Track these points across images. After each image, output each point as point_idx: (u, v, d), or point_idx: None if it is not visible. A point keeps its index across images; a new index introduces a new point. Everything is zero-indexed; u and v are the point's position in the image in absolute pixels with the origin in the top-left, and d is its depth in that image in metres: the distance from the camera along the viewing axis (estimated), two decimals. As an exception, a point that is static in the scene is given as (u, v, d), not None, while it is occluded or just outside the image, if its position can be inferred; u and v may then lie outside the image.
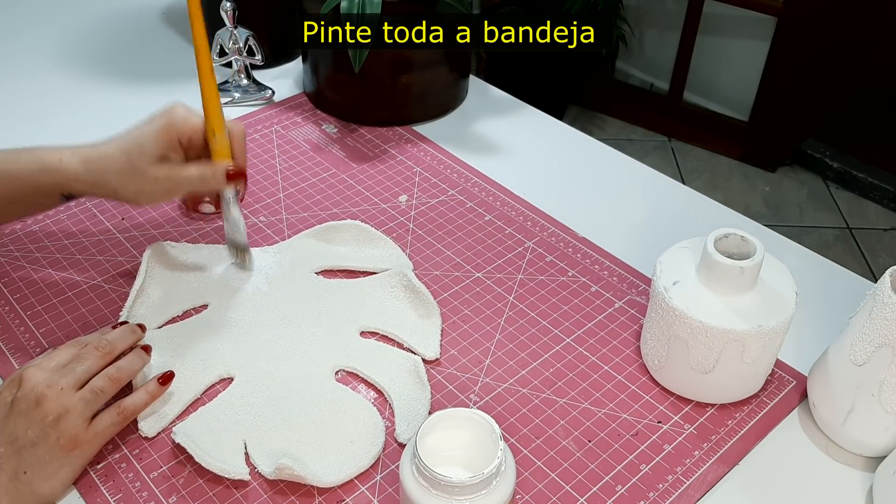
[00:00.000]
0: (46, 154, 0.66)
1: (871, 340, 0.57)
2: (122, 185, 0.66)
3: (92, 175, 0.65)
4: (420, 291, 0.73)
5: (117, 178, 0.65)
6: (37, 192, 0.67)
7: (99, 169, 0.65)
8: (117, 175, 0.65)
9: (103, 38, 1.15)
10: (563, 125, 1.02)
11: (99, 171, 0.65)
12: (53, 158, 0.65)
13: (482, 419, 0.52)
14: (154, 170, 0.65)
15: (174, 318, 0.72)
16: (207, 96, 0.66)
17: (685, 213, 0.88)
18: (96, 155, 0.66)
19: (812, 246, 0.85)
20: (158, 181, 0.65)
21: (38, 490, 0.56)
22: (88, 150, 0.66)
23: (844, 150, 2.32)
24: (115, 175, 0.65)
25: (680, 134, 2.47)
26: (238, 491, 0.59)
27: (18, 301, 0.73)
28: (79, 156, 0.66)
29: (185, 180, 0.66)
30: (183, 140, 0.66)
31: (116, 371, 0.61)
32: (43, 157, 0.66)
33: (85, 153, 0.66)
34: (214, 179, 0.67)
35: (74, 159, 0.65)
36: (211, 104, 0.66)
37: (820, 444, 0.64)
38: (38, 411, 0.56)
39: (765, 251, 0.61)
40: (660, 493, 0.60)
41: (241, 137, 0.68)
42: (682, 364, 0.64)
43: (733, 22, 2.28)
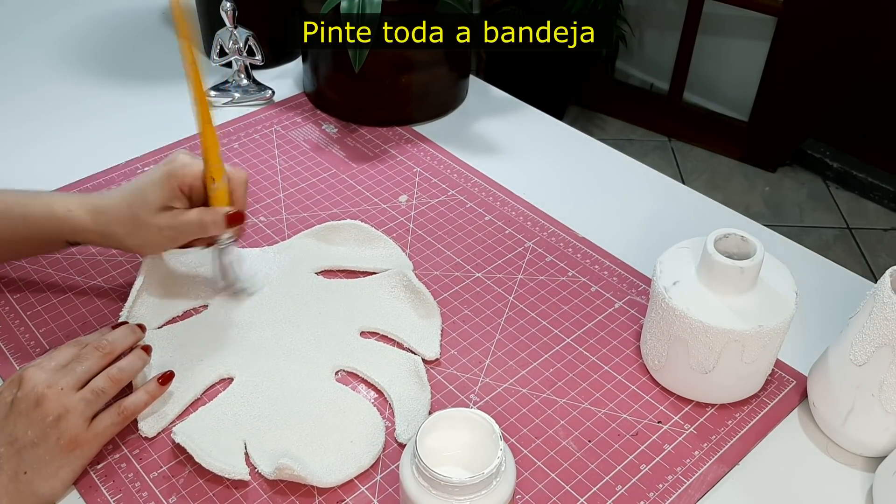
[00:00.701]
0: (56, 202, 0.67)
1: (871, 340, 0.57)
2: (126, 236, 0.66)
3: (98, 226, 0.66)
4: (420, 291, 0.73)
5: (122, 229, 0.66)
6: (44, 238, 0.68)
7: (106, 220, 0.66)
8: (122, 227, 0.66)
9: (103, 38, 1.15)
10: (563, 125, 1.02)
11: (105, 223, 0.66)
12: (63, 208, 0.66)
13: (482, 419, 0.52)
14: (157, 219, 0.65)
15: (174, 318, 0.72)
16: (207, 145, 0.65)
17: (685, 213, 0.88)
18: (103, 206, 0.67)
19: (812, 246, 0.85)
20: (161, 231, 0.66)
21: (39, 490, 0.56)
22: (96, 200, 0.67)
23: (844, 150, 2.32)
24: (120, 227, 0.66)
25: (680, 134, 2.47)
26: (238, 491, 0.59)
27: (18, 301, 0.73)
28: (86, 207, 0.67)
29: (186, 226, 0.66)
30: (184, 188, 0.66)
31: (117, 371, 0.61)
32: (52, 206, 0.67)
33: (93, 204, 0.67)
34: (214, 224, 0.66)
35: (82, 210, 0.66)
36: (210, 152, 0.65)
37: (820, 444, 0.64)
38: (39, 411, 0.56)
39: (765, 251, 0.61)
40: (660, 493, 0.60)
41: (242, 184, 0.68)
42: (682, 364, 0.64)
43: (733, 22, 2.28)
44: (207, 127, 0.66)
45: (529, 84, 1.86)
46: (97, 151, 0.92)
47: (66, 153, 0.92)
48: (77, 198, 0.67)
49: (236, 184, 0.67)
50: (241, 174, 0.68)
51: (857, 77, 2.16)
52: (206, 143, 0.65)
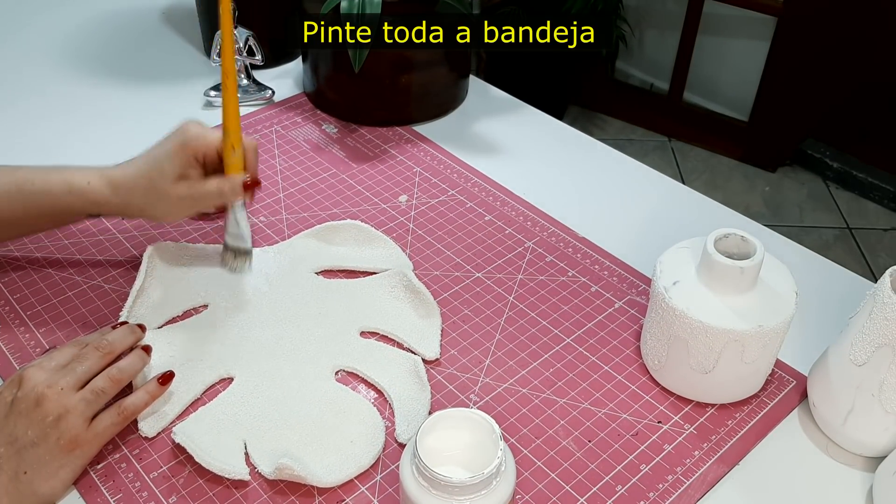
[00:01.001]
0: (75, 176, 0.68)
1: (871, 340, 0.57)
2: (148, 206, 0.68)
3: (119, 198, 0.68)
4: (420, 291, 0.73)
5: (142, 199, 0.68)
6: (64, 212, 0.70)
7: (125, 192, 0.68)
8: (143, 197, 0.68)
9: (103, 38, 1.15)
10: (563, 125, 1.02)
11: (125, 195, 0.68)
12: (82, 181, 0.68)
13: (482, 419, 0.52)
14: (176, 189, 0.67)
15: (174, 318, 0.72)
16: (231, 114, 0.68)
17: (685, 213, 0.88)
18: (122, 178, 0.68)
19: (812, 246, 0.85)
20: (182, 199, 0.68)
21: (39, 490, 0.56)
22: (114, 172, 0.68)
23: (844, 150, 2.32)
24: (141, 197, 0.68)
25: (680, 134, 2.47)
26: (238, 491, 0.59)
27: (18, 301, 0.73)
28: (106, 179, 0.68)
29: (205, 195, 0.69)
30: (199, 157, 0.68)
31: (117, 371, 0.61)
32: (72, 180, 0.68)
33: (111, 176, 0.68)
34: (233, 192, 0.69)
35: (102, 182, 0.68)
36: (233, 122, 0.68)
37: (820, 444, 0.64)
38: (39, 411, 0.56)
39: (765, 251, 0.61)
40: (660, 493, 0.60)
41: (253, 151, 0.71)
42: (682, 364, 0.64)
43: (733, 22, 2.28)
44: (232, 97, 0.68)
45: (529, 84, 1.85)
46: (97, 151, 0.91)
47: (66, 153, 0.92)
48: (95, 171, 0.68)
49: (248, 151, 0.70)
50: (252, 142, 0.71)
51: (857, 77, 2.15)
52: (230, 112, 0.68)
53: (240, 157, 0.69)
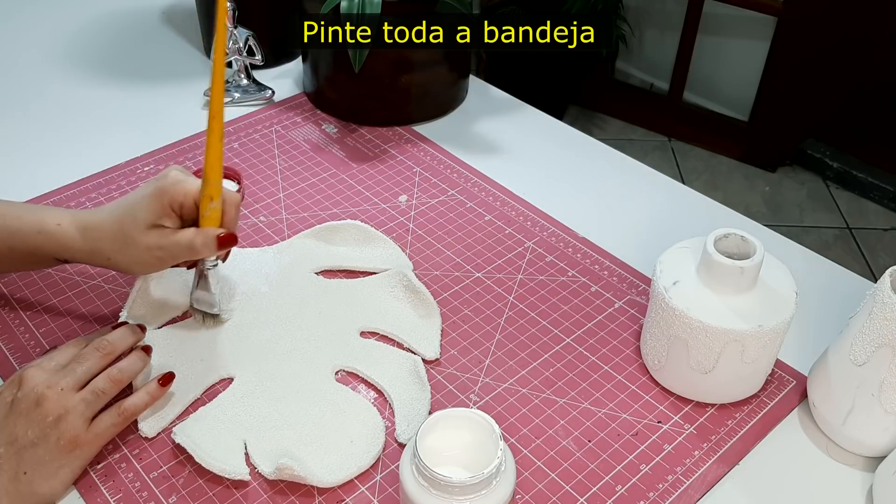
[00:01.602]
0: (47, 216, 0.65)
1: (871, 340, 0.57)
2: (114, 254, 0.64)
3: (87, 243, 0.65)
4: (420, 291, 0.73)
5: (110, 246, 0.64)
6: (32, 253, 0.66)
7: (94, 237, 0.64)
8: (110, 243, 0.64)
9: (104, 38, 1.15)
10: (563, 125, 1.02)
11: (93, 239, 0.64)
12: (52, 222, 0.65)
13: (482, 419, 0.52)
14: (145, 238, 0.63)
15: (174, 318, 0.72)
16: (212, 163, 0.63)
17: (685, 213, 0.88)
18: (92, 222, 0.65)
19: (812, 246, 0.85)
20: (150, 250, 0.63)
21: (38, 490, 0.56)
22: (86, 216, 0.65)
23: (844, 150, 2.32)
24: (109, 244, 0.64)
25: (680, 134, 2.47)
26: (238, 491, 0.59)
27: (18, 301, 0.73)
28: (77, 222, 0.65)
29: (176, 247, 0.63)
30: (174, 206, 0.63)
31: (118, 372, 0.61)
32: (43, 220, 0.65)
33: (82, 219, 0.65)
34: (205, 246, 0.63)
35: (72, 226, 0.65)
36: (214, 170, 0.63)
37: (820, 444, 0.64)
38: (39, 412, 0.56)
39: (765, 251, 0.61)
40: (660, 493, 0.60)
41: (234, 206, 0.65)
42: (682, 364, 0.64)
43: (733, 22, 2.28)
44: (216, 144, 0.63)
45: (529, 84, 1.85)
46: (97, 151, 0.92)
47: (67, 153, 0.92)
48: (68, 213, 0.66)
49: (228, 205, 0.64)
50: (234, 196, 0.65)
51: (857, 77, 2.15)
52: (211, 160, 0.63)
53: (217, 209, 0.63)
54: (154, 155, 0.91)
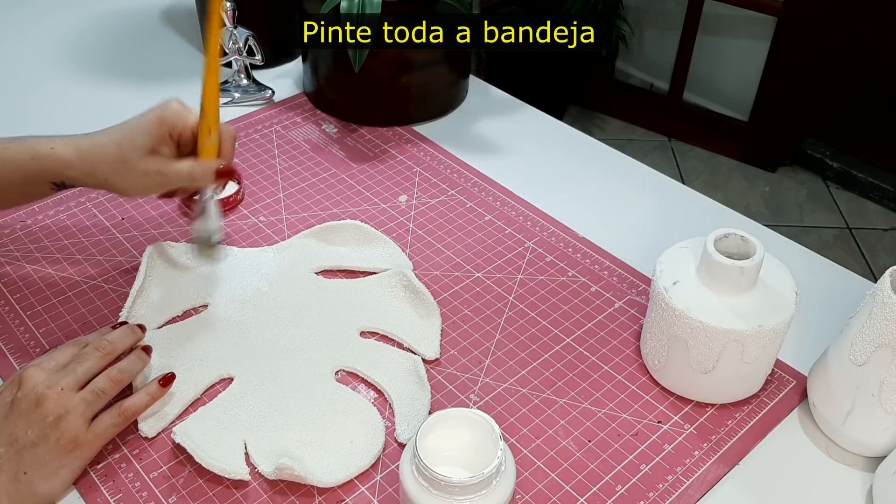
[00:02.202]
0: (39, 143, 0.66)
1: (871, 340, 0.57)
2: (112, 175, 0.66)
3: (84, 163, 0.65)
4: (420, 291, 0.73)
5: (109, 167, 0.65)
6: (27, 181, 0.67)
7: (91, 158, 0.65)
8: (109, 165, 0.65)
9: (104, 38, 1.15)
10: (563, 125, 1.02)
11: (91, 160, 0.65)
12: (45, 147, 0.65)
13: (482, 419, 0.52)
14: (144, 163, 0.65)
15: (174, 318, 0.72)
16: (210, 96, 0.67)
17: (685, 213, 0.88)
18: (89, 144, 0.66)
19: (812, 246, 0.85)
20: (148, 175, 0.66)
21: (39, 490, 0.56)
22: (82, 139, 0.66)
23: (844, 150, 2.32)
24: (107, 165, 0.65)
25: (680, 134, 2.47)
26: (238, 491, 0.59)
27: (18, 301, 0.73)
28: (72, 145, 0.66)
29: (175, 175, 0.66)
30: (174, 134, 0.67)
31: (118, 372, 0.61)
32: (35, 146, 0.66)
33: (78, 142, 0.66)
34: (203, 177, 0.67)
35: (67, 148, 0.65)
36: (211, 104, 0.67)
37: (820, 444, 0.64)
38: (39, 412, 0.56)
39: (765, 251, 0.61)
40: (660, 493, 0.60)
41: (231, 139, 0.69)
42: (682, 364, 0.64)
43: (733, 22, 2.28)
44: (213, 78, 0.67)
45: (529, 84, 1.85)
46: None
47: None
48: (61, 138, 0.67)
49: (226, 138, 0.68)
50: (230, 129, 0.69)
51: (857, 77, 2.15)
52: (208, 94, 0.66)
53: (215, 141, 0.67)
54: (154, 155, 0.91)
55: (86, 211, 0.83)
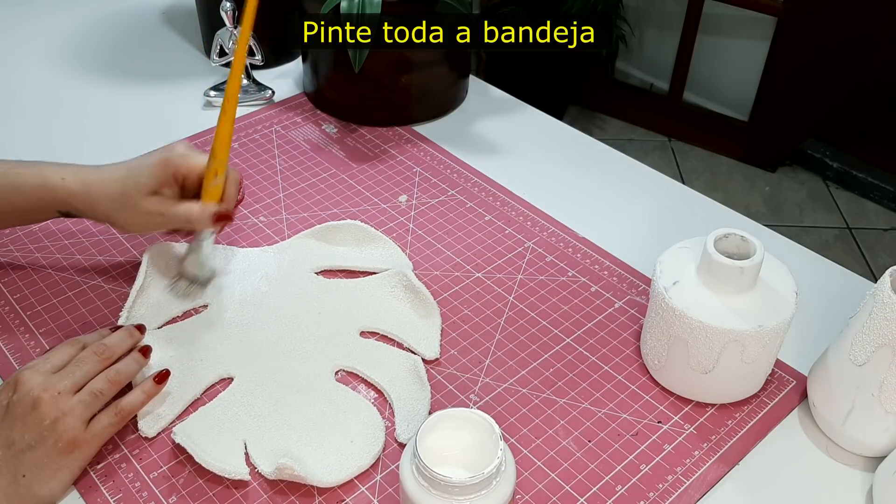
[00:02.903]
0: (49, 171, 0.67)
1: (871, 340, 0.57)
2: (113, 213, 0.67)
3: (88, 198, 0.67)
4: (420, 291, 0.73)
5: (110, 205, 0.67)
6: (35, 207, 0.69)
7: (95, 194, 0.67)
8: (111, 203, 0.67)
9: (104, 38, 1.15)
10: (563, 125, 1.02)
11: (94, 196, 0.67)
12: (56, 177, 0.67)
13: (482, 419, 0.52)
14: (146, 203, 0.66)
15: (174, 318, 0.72)
16: (222, 139, 0.68)
17: (685, 213, 0.88)
18: (96, 180, 0.67)
19: (812, 246, 0.85)
20: (149, 214, 0.67)
21: (38, 492, 0.56)
22: (90, 172, 0.68)
23: (844, 150, 2.32)
24: (109, 202, 0.67)
25: (680, 134, 2.47)
26: (238, 491, 0.59)
27: (18, 301, 0.73)
28: (80, 178, 0.67)
29: (174, 217, 0.68)
30: (178, 177, 0.68)
31: (115, 374, 0.60)
32: (45, 174, 0.67)
33: (86, 176, 0.67)
34: (201, 221, 0.68)
35: (76, 180, 0.67)
36: (222, 147, 0.68)
37: (820, 444, 0.64)
38: (35, 415, 0.56)
39: (765, 251, 0.61)
40: (660, 493, 0.60)
41: (235, 182, 0.70)
42: (682, 364, 0.64)
43: (733, 22, 2.28)
44: (228, 121, 0.68)
45: (529, 84, 1.85)
46: (97, 151, 0.91)
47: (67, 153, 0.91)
48: (72, 167, 0.68)
49: (230, 181, 0.69)
50: (235, 174, 0.70)
51: (857, 77, 2.15)
52: (221, 137, 0.67)
53: (220, 185, 0.68)
54: (154, 155, 0.91)
55: (86, 211, 0.83)
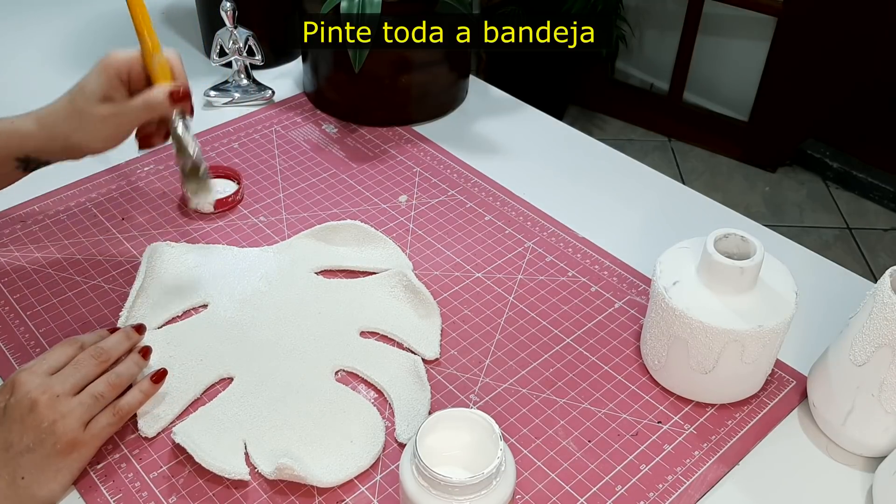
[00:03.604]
0: (2, 119, 0.67)
1: (871, 340, 0.57)
2: (72, 131, 0.66)
3: (44, 129, 0.66)
4: (420, 291, 0.73)
5: (67, 124, 0.66)
6: None
7: (49, 122, 0.66)
8: (66, 122, 0.66)
9: (104, 38, 1.15)
10: (563, 125, 1.02)
11: (49, 124, 0.66)
12: (5, 122, 0.67)
13: (482, 419, 0.52)
14: (99, 109, 0.65)
15: (174, 318, 0.72)
16: (139, 19, 0.66)
17: (685, 213, 0.88)
18: (46, 110, 0.67)
19: (812, 246, 0.85)
20: (105, 119, 0.66)
21: (38, 494, 0.56)
22: (39, 109, 0.68)
23: (844, 150, 2.32)
24: (64, 122, 0.66)
25: (680, 134, 2.47)
26: (238, 491, 0.59)
27: (18, 301, 0.73)
28: (31, 116, 0.67)
29: (131, 111, 0.66)
30: (122, 75, 0.66)
31: (115, 377, 0.60)
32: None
33: (36, 112, 0.67)
34: (158, 103, 0.66)
35: (28, 119, 0.67)
36: (145, 26, 0.66)
37: (820, 444, 0.64)
38: (32, 417, 0.56)
39: (765, 251, 0.61)
40: (660, 493, 0.60)
41: (177, 58, 0.68)
42: (682, 364, 0.64)
43: (733, 22, 2.28)
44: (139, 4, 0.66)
45: (529, 84, 1.85)
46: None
47: (66, 153, 0.92)
48: (22, 114, 0.68)
49: (172, 57, 0.68)
50: (174, 51, 0.68)
51: (857, 77, 2.15)
52: (137, 17, 0.66)
53: (163, 63, 0.66)
54: (154, 154, 0.91)
55: (86, 211, 0.83)
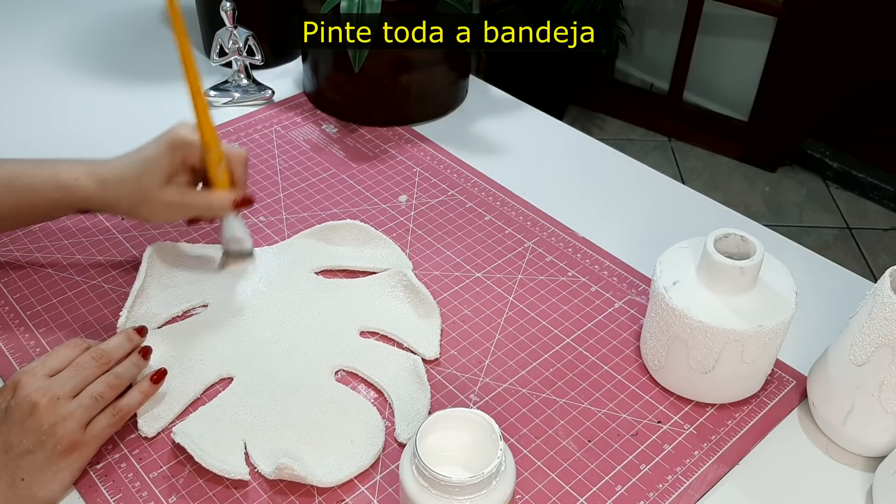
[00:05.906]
0: (63, 171, 0.68)
1: (871, 340, 0.57)
2: (134, 207, 0.68)
3: (106, 197, 0.68)
4: (420, 291, 0.73)
5: (129, 200, 0.68)
6: (52, 207, 0.69)
7: (113, 193, 0.68)
8: (129, 198, 0.68)
9: (103, 38, 1.15)
10: (563, 125, 1.02)
11: (112, 196, 0.68)
12: (70, 177, 0.67)
13: (482, 419, 0.51)
14: (164, 194, 0.67)
15: (174, 318, 0.72)
16: (205, 130, 0.67)
17: (685, 213, 0.88)
18: (110, 176, 0.68)
19: (812, 246, 0.85)
20: (170, 206, 0.68)
21: (38, 495, 0.56)
22: (103, 169, 0.68)
23: (844, 150, 2.32)
24: (128, 200, 0.68)
25: (680, 134, 2.47)
26: (238, 491, 0.59)
27: (18, 301, 0.73)
28: (95, 176, 0.67)
29: (194, 207, 0.69)
30: (187, 162, 0.68)
31: (115, 378, 0.60)
32: (60, 174, 0.67)
33: (100, 173, 0.68)
34: (221, 209, 0.69)
35: (90, 179, 0.67)
36: (211, 137, 0.68)
37: (820, 444, 0.64)
38: (33, 420, 0.56)
39: (765, 251, 0.61)
40: (660, 493, 0.60)
41: (241, 165, 0.70)
42: (682, 364, 0.64)
43: (733, 22, 2.28)
44: (204, 114, 0.67)
45: (529, 84, 1.86)
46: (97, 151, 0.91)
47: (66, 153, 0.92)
48: (84, 166, 0.68)
49: (236, 164, 0.70)
50: (239, 154, 0.70)
51: (857, 76, 2.16)
52: (203, 128, 0.67)
53: (225, 171, 0.69)
54: (154, 155, 0.91)
55: (86, 211, 0.83)
